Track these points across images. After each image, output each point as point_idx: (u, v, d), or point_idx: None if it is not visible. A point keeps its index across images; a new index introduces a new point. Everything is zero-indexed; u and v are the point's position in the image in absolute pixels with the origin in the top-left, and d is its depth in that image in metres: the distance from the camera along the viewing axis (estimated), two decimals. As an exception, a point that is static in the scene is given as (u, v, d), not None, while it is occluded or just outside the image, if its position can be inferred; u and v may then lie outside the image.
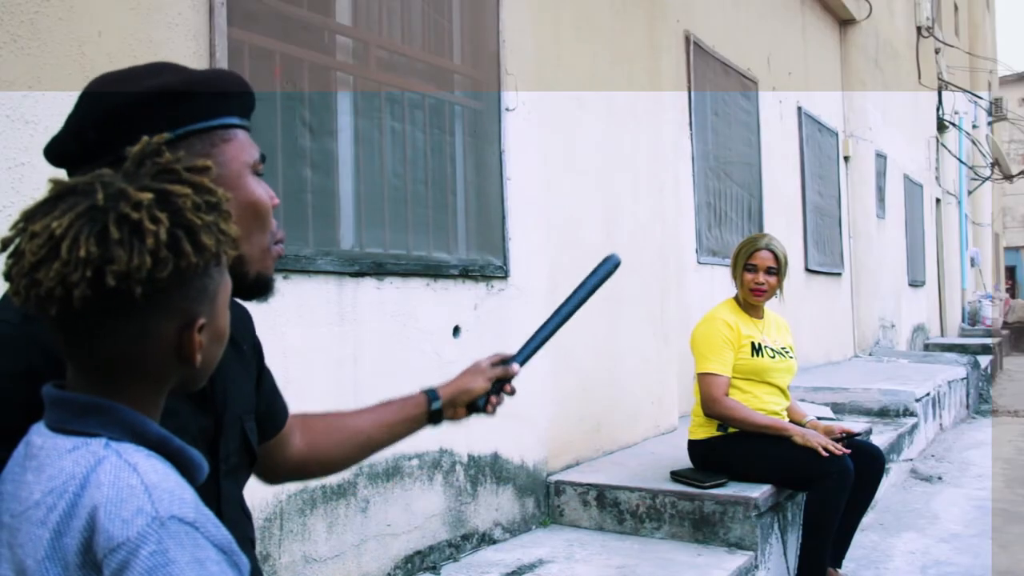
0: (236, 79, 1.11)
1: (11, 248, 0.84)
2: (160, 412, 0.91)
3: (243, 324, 1.23)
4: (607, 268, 1.53)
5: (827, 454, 3.09)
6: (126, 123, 1.01)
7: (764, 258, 3.35)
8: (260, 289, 1.12)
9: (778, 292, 3.41)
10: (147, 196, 0.82)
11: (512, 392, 1.47)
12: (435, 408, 1.42)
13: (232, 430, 1.16)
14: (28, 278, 0.81)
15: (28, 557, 0.81)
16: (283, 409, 1.36)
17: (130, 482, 0.80)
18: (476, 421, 1.49)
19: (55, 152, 1.05)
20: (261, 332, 1.31)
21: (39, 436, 0.87)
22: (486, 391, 1.44)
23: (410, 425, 1.43)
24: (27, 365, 0.93)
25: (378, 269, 2.82)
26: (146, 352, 0.86)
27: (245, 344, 1.23)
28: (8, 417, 0.91)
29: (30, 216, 0.84)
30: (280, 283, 2.45)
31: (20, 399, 0.91)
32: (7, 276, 0.83)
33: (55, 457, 0.84)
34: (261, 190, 1.11)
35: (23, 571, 0.82)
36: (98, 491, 0.80)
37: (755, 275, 3.35)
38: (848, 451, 3.14)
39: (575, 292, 1.51)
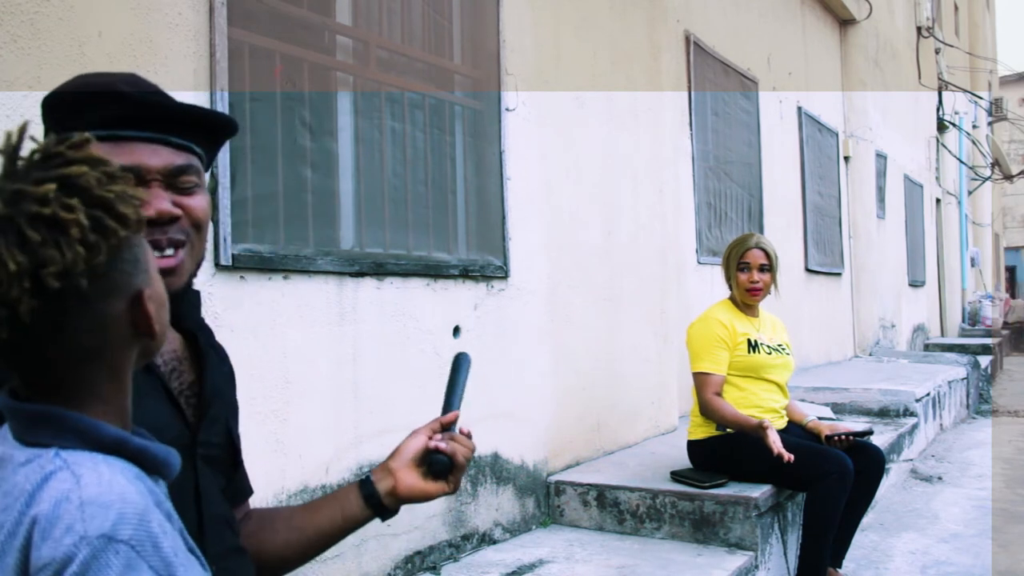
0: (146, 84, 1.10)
1: None
2: (130, 396, 0.87)
3: (220, 348, 1.23)
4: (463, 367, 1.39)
5: (778, 456, 3.02)
6: (51, 118, 1.05)
7: (756, 256, 3.37)
8: None
9: (773, 288, 3.43)
10: (50, 188, 0.75)
11: (470, 452, 1.29)
12: (367, 486, 1.27)
13: (217, 421, 1.15)
14: None
15: None
16: (246, 483, 1.28)
17: (68, 497, 0.75)
18: (477, 420, 1.45)
19: None
20: (261, 332, 1.30)
21: (2, 445, 0.83)
22: (424, 445, 1.28)
23: (342, 506, 1.28)
24: None
25: (378, 269, 2.82)
26: (104, 339, 0.82)
27: (225, 366, 1.22)
28: None
29: None
30: (280, 283, 2.45)
31: None
32: None
33: (10, 471, 0.80)
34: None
35: None
36: (37, 508, 0.76)
37: (749, 274, 3.37)
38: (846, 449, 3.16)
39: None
